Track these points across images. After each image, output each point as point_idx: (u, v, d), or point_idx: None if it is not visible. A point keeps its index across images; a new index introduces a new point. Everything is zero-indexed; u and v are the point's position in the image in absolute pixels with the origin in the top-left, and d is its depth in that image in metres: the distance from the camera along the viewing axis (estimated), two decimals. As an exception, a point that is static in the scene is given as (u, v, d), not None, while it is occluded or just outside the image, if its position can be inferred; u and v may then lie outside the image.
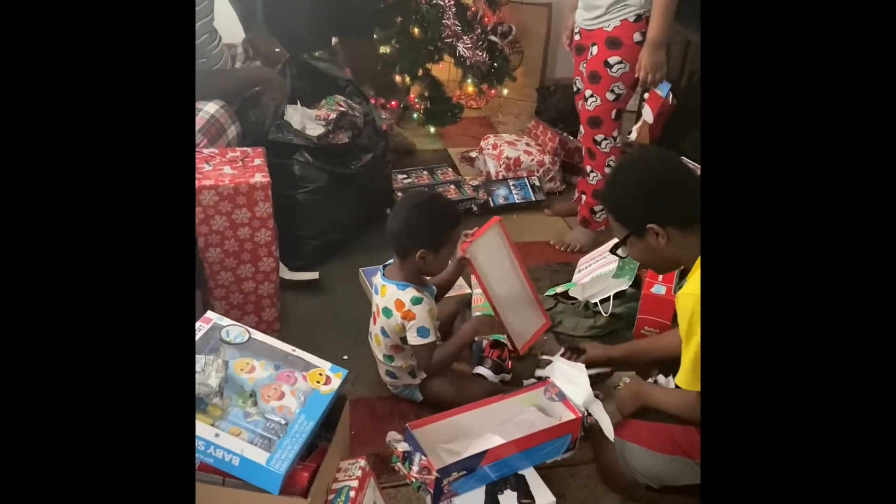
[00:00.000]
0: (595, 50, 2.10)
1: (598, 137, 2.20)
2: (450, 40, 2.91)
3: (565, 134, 2.90)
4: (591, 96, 2.14)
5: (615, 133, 2.20)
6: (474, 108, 3.48)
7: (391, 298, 1.60)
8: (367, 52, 2.96)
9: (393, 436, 1.42)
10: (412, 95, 3.11)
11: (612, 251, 1.45)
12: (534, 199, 2.64)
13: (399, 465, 1.39)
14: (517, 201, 2.63)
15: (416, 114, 3.17)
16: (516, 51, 3.49)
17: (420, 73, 3.05)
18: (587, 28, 2.15)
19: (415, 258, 1.59)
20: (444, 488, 1.34)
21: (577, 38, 2.24)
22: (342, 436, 1.38)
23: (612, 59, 2.06)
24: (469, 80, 3.13)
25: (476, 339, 1.78)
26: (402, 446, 1.38)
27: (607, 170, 2.23)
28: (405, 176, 2.67)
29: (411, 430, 1.38)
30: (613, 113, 2.16)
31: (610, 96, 2.12)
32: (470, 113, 3.39)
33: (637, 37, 2.05)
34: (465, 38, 2.90)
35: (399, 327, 1.60)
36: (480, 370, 1.72)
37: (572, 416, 1.47)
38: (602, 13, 2.07)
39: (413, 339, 1.60)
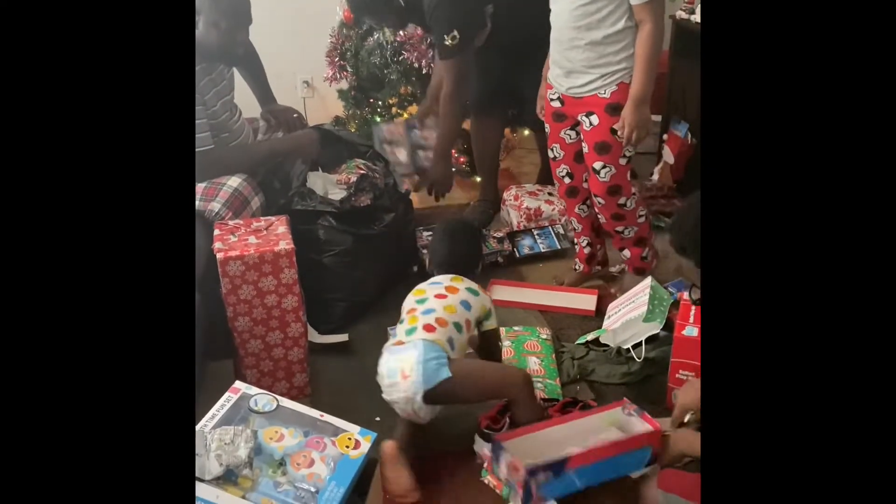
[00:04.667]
0: (595, 119, 2.00)
1: (622, 201, 2.12)
2: None
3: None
4: (604, 167, 2.04)
5: (634, 190, 2.14)
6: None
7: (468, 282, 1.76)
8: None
9: (479, 443, 1.56)
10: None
11: None
12: (559, 248, 2.63)
13: (488, 477, 1.48)
14: (542, 250, 2.63)
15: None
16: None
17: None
18: (574, 96, 2.03)
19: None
20: (532, 490, 1.30)
21: (556, 104, 2.11)
22: (375, 501, 1.36)
23: (617, 126, 1.97)
24: None
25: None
26: (489, 448, 1.43)
27: (641, 219, 2.18)
28: (430, 233, 2.69)
29: (497, 441, 1.38)
30: (628, 174, 2.10)
31: (622, 161, 2.05)
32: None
33: None
34: None
35: (484, 308, 1.73)
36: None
37: (651, 429, 1.45)
38: (593, 79, 1.96)
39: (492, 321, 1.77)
